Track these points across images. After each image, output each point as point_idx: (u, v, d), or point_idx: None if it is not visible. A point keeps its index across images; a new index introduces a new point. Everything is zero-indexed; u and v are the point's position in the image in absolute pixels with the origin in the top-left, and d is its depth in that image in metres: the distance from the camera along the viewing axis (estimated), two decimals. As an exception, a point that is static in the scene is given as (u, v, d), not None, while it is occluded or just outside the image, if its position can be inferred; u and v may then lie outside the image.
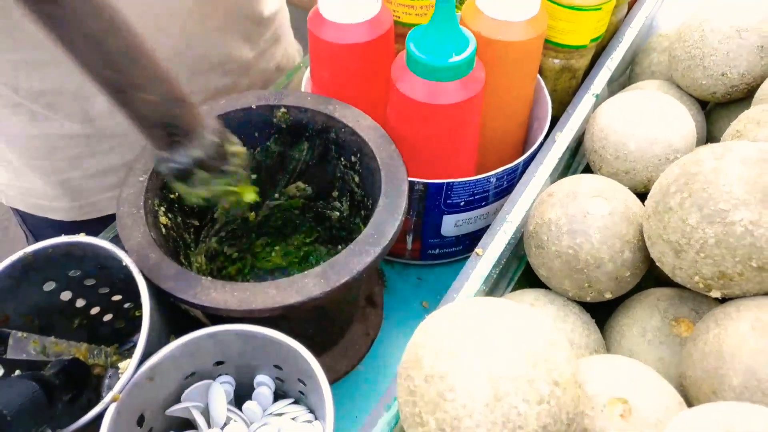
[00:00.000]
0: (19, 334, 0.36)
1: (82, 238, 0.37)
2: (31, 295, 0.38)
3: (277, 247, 0.57)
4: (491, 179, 0.48)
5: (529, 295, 0.43)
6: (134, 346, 0.42)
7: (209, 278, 0.37)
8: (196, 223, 0.49)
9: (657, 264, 0.36)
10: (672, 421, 0.26)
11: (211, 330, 0.37)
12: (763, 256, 0.30)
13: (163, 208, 0.44)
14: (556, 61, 0.56)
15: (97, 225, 0.57)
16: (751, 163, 0.31)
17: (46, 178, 0.59)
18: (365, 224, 0.48)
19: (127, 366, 0.34)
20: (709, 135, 0.54)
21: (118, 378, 0.33)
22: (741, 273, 0.31)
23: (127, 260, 0.36)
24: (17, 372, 0.37)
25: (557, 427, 0.26)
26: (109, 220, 0.60)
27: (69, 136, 0.56)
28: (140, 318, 0.42)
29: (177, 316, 0.42)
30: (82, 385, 0.36)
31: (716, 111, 0.54)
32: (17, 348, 0.35)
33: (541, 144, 0.50)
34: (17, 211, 0.65)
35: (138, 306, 0.47)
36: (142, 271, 0.36)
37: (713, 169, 0.32)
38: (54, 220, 0.63)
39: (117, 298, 0.45)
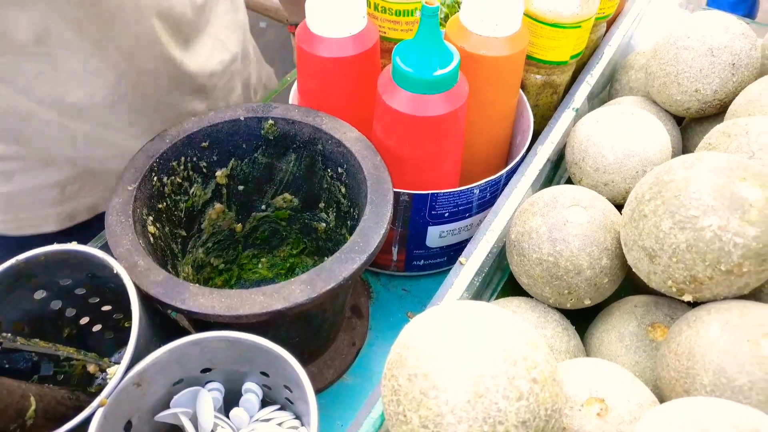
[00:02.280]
0: (9, 335, 0.37)
1: (74, 246, 0.38)
2: (22, 302, 0.39)
3: (263, 259, 0.58)
4: (475, 190, 0.50)
5: (511, 303, 0.45)
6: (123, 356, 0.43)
7: (197, 285, 0.38)
8: (184, 233, 0.50)
9: (633, 270, 0.38)
10: (644, 414, 0.27)
11: (198, 337, 0.37)
12: (731, 260, 0.32)
13: (151, 218, 0.45)
14: (538, 76, 0.59)
15: (39, 241, 0.56)
16: (719, 171, 0.33)
17: None
18: (351, 235, 0.50)
19: (115, 372, 0.35)
20: (684, 149, 0.57)
21: (107, 383, 0.34)
22: (711, 277, 0.32)
23: (117, 267, 0.37)
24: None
25: (536, 422, 0.27)
26: (50, 236, 0.59)
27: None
28: (129, 329, 0.43)
29: (166, 325, 0.43)
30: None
31: (691, 126, 0.57)
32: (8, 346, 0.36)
33: (524, 157, 0.52)
34: None
35: (127, 317, 0.47)
36: (131, 278, 0.37)
37: (684, 177, 0.34)
38: None
39: (106, 308, 0.46)
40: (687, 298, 0.34)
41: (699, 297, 0.34)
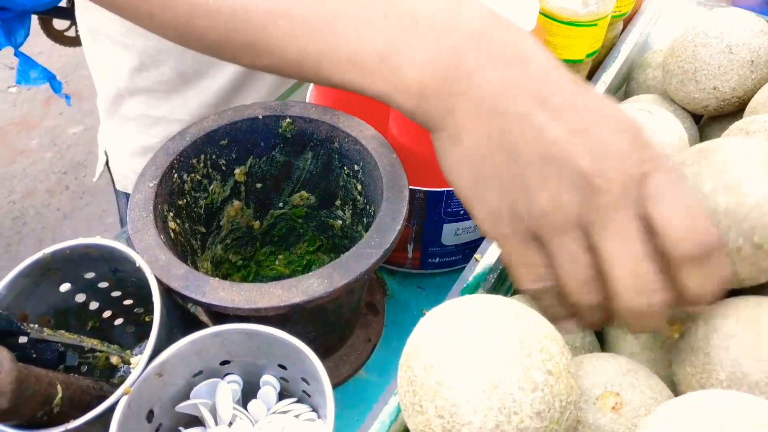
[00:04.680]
0: (36, 326, 0.38)
1: (98, 240, 0.39)
2: (48, 295, 0.40)
3: (280, 256, 0.59)
4: (490, 188, 0.50)
5: (527, 300, 0.45)
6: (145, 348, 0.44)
7: (217, 278, 0.39)
8: (203, 229, 0.51)
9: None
10: (660, 407, 0.28)
11: (218, 329, 0.38)
12: (765, 234, 0.31)
13: (171, 214, 0.46)
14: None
15: None
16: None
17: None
18: (367, 231, 0.50)
19: (138, 362, 0.36)
20: (703, 147, 0.56)
21: (130, 373, 0.35)
22: (739, 249, 0.32)
23: (139, 260, 0.38)
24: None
25: (551, 414, 0.28)
26: None
27: None
28: (150, 323, 0.44)
29: (186, 318, 0.44)
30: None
31: (709, 124, 0.57)
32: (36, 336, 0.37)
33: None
34: (126, 197, 0.72)
35: (148, 311, 0.49)
36: (153, 272, 0.38)
37: (732, 148, 0.33)
38: None
39: (128, 302, 0.47)
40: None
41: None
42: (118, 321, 0.48)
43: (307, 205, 0.56)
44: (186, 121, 0.45)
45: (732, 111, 0.53)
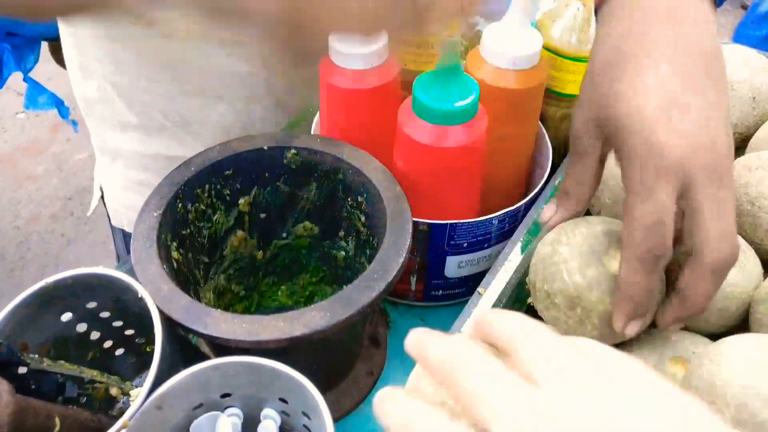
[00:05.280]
0: (37, 356, 0.38)
1: (100, 269, 0.39)
2: (49, 325, 0.40)
3: (283, 287, 0.59)
4: (494, 221, 0.51)
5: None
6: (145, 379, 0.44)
7: (219, 310, 0.39)
8: (206, 260, 0.51)
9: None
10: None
11: (218, 361, 0.38)
12: None
13: (175, 244, 0.46)
14: (557, 109, 0.59)
15: None
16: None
17: None
18: (370, 263, 0.50)
19: (138, 394, 0.36)
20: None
21: (129, 405, 0.35)
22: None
23: (141, 291, 0.38)
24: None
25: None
26: None
27: None
28: (151, 354, 0.43)
29: (187, 350, 0.44)
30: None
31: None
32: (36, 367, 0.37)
33: (542, 188, 0.53)
34: (122, 232, 0.72)
35: (149, 342, 0.49)
36: (155, 302, 0.38)
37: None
38: None
39: (129, 332, 0.47)
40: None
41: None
42: (119, 351, 0.48)
43: (310, 235, 0.56)
44: (180, 158, 0.46)
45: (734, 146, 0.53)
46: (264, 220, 0.54)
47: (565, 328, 0.41)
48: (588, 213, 0.56)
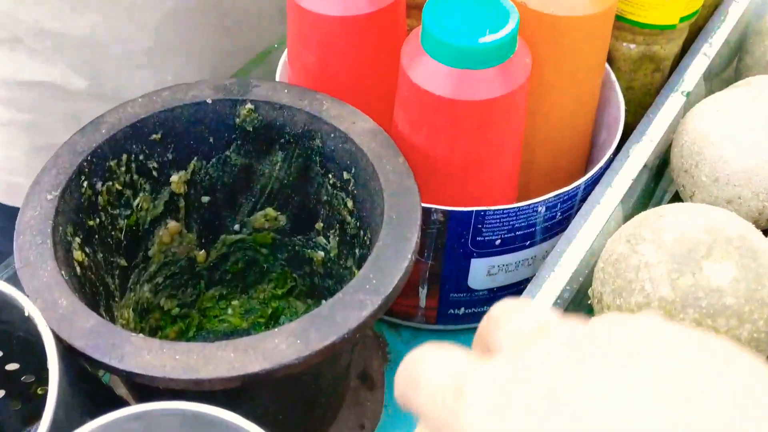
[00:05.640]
0: None
1: (-34, 276, 0.39)
2: None
3: (234, 302, 0.59)
4: (539, 208, 0.51)
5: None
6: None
7: (141, 335, 0.39)
8: (123, 262, 0.51)
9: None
10: None
11: (141, 409, 0.38)
12: None
13: (78, 239, 0.46)
14: (633, 46, 0.59)
15: None
16: None
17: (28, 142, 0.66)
18: (360, 268, 0.50)
19: (24, 457, 0.36)
20: None
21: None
22: None
23: (29, 307, 0.38)
24: None
25: None
26: None
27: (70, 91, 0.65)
28: (42, 398, 0.43)
29: (96, 392, 0.44)
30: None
31: None
32: None
33: (610, 161, 0.53)
34: None
35: (40, 380, 0.48)
36: (48, 324, 0.38)
37: None
38: None
39: (12, 367, 0.47)
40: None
41: None
42: (-2, 394, 0.48)
43: (274, 228, 0.56)
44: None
45: None
46: (207, 207, 0.54)
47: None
48: (677, 198, 0.56)
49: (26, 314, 0.38)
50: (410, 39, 0.48)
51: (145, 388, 0.40)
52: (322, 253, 0.55)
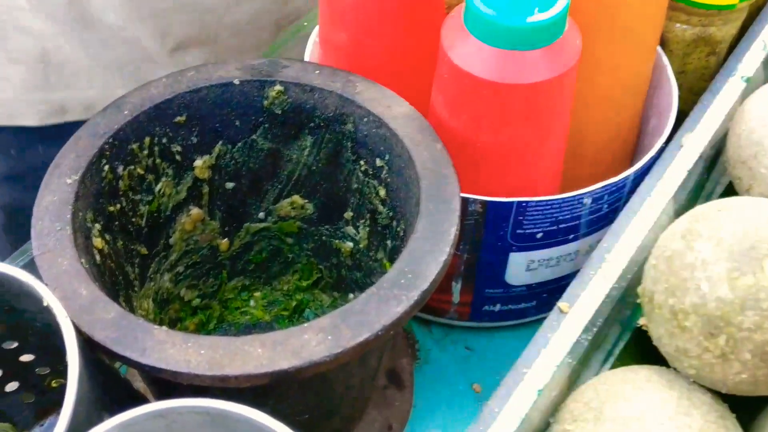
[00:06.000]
0: None
1: (-19, 262, 0.39)
2: None
3: (257, 293, 0.59)
4: (585, 199, 0.50)
5: (637, 375, 0.44)
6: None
7: (164, 328, 0.39)
8: (144, 250, 0.51)
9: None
10: None
11: (163, 406, 0.38)
12: None
13: (98, 226, 0.46)
14: (687, 27, 0.58)
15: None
16: None
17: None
18: (392, 261, 0.50)
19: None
20: None
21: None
22: None
23: (48, 297, 0.38)
24: None
25: None
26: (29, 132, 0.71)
27: None
28: (57, 391, 0.43)
29: (114, 387, 0.44)
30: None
31: None
32: None
33: (661, 150, 0.52)
34: None
35: (56, 373, 0.49)
36: (68, 314, 0.38)
37: None
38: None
39: (27, 358, 0.47)
40: None
41: None
42: (12, 386, 0.48)
43: (301, 217, 0.56)
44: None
45: None
46: (232, 193, 0.54)
47: (698, 366, 0.40)
48: (731, 191, 0.55)
49: (45, 304, 0.38)
50: (452, 17, 0.48)
51: (166, 384, 0.40)
52: (350, 244, 0.54)
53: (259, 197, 0.55)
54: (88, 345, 0.39)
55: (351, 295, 0.56)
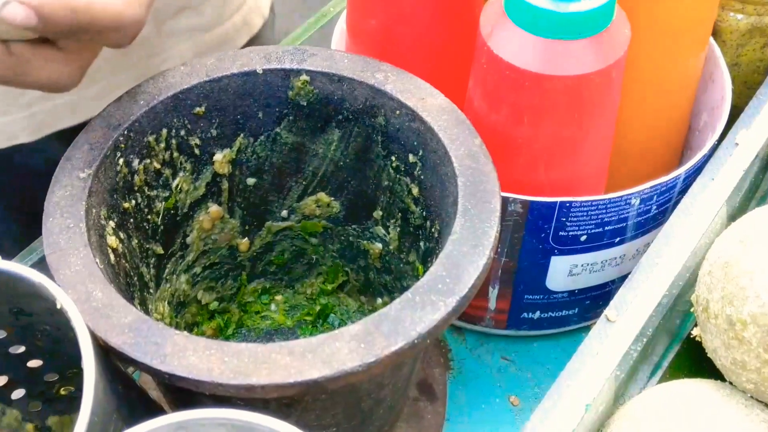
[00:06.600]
0: None
1: (-6, 261, 0.39)
2: None
3: (278, 297, 0.59)
4: (632, 200, 0.50)
5: (690, 389, 0.44)
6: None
7: (184, 333, 0.38)
8: (160, 250, 0.51)
9: None
10: None
11: (184, 417, 0.38)
12: None
13: (112, 223, 0.46)
14: (741, 17, 0.58)
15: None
16: None
17: None
18: (425, 264, 0.49)
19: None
20: None
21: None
22: None
23: (61, 298, 0.37)
24: None
25: None
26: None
27: None
28: (65, 400, 0.42)
29: (130, 395, 0.44)
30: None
31: None
32: None
33: (714, 148, 0.52)
34: None
35: (65, 379, 0.48)
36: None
37: None
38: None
39: (34, 363, 0.47)
40: None
41: None
42: (18, 393, 0.48)
43: (326, 216, 0.55)
44: None
45: None
46: (252, 190, 0.54)
47: (757, 380, 0.40)
48: (789, 191, 0.55)
49: (58, 306, 0.38)
50: (491, 3, 0.47)
51: (185, 393, 0.40)
52: (379, 245, 0.54)
53: (281, 194, 0.54)
54: (104, 352, 0.38)
55: (379, 300, 0.56)
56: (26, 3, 0.38)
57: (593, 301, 0.56)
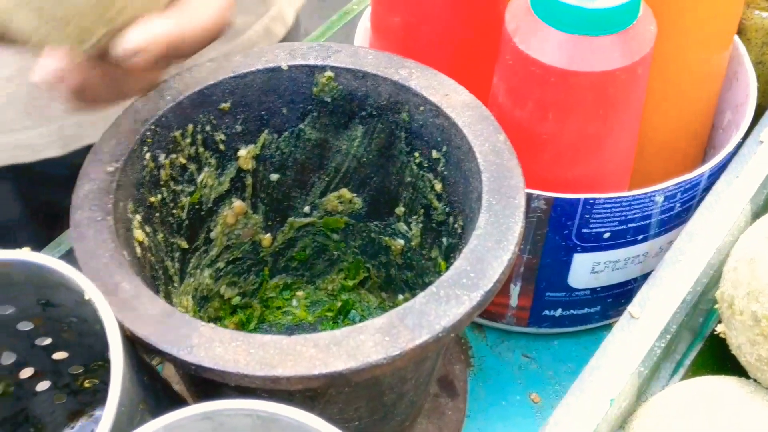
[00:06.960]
0: None
1: (22, 254, 0.39)
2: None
3: (300, 292, 0.59)
4: (656, 197, 0.50)
5: (713, 386, 0.44)
6: None
7: (210, 324, 0.39)
8: (184, 244, 0.51)
9: None
10: None
11: (210, 408, 0.38)
12: None
13: (139, 217, 0.46)
14: (766, 15, 0.58)
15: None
16: None
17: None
18: (448, 260, 0.49)
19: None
20: None
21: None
22: None
23: (89, 290, 0.38)
24: None
25: None
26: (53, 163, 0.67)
27: None
28: (89, 392, 0.43)
29: (155, 387, 0.44)
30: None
31: None
32: None
33: (738, 146, 0.52)
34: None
35: (90, 372, 0.49)
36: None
37: None
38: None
39: (60, 356, 0.47)
40: None
41: None
42: (43, 385, 0.49)
43: (348, 212, 0.56)
44: None
45: None
46: (276, 185, 0.54)
47: (781, 379, 0.40)
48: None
49: (86, 298, 0.38)
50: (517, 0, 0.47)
51: (208, 384, 0.40)
52: (401, 242, 0.54)
53: (304, 190, 0.55)
54: (131, 343, 0.39)
55: (400, 296, 0.56)
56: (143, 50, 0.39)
57: (615, 299, 0.56)
